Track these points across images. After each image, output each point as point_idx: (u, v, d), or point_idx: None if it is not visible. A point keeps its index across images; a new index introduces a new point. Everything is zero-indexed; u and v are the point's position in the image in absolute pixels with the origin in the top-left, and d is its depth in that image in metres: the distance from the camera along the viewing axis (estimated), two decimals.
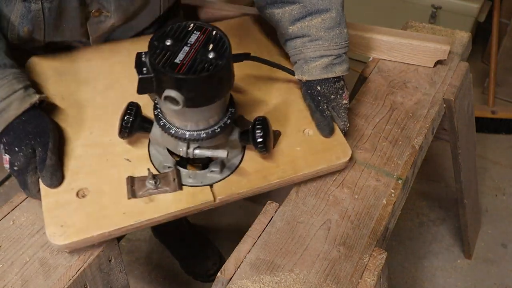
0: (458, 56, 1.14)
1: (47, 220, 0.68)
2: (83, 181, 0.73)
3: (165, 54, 0.62)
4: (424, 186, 1.95)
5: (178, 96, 0.60)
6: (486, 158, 2.08)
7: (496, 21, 2.20)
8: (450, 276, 1.66)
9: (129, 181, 0.72)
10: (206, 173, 0.75)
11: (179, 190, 0.72)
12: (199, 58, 0.61)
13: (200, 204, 0.72)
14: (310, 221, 0.76)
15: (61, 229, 0.67)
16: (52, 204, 0.70)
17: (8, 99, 0.71)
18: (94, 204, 0.70)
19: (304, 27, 0.82)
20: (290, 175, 0.77)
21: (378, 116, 0.96)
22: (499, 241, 1.76)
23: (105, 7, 0.85)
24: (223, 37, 0.65)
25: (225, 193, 0.73)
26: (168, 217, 0.71)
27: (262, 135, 0.72)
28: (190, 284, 1.61)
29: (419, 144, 0.91)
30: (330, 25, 0.81)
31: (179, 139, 0.70)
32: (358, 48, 1.12)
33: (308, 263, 0.70)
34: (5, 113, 0.71)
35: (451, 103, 1.03)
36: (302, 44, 0.84)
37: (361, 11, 2.39)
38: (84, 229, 0.68)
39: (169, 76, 0.60)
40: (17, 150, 0.70)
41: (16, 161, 0.70)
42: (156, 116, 0.71)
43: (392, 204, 0.80)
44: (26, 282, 0.67)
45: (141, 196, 0.71)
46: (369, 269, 0.70)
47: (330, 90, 0.83)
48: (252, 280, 0.68)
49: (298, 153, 0.79)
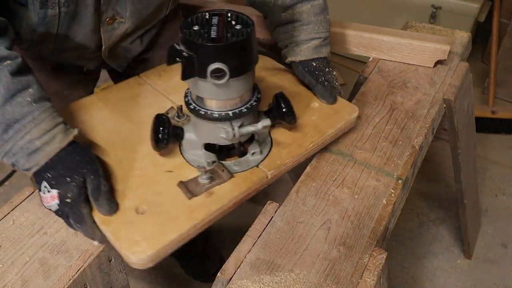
0: (458, 56, 1.14)
1: (120, 244, 0.66)
2: (136, 200, 0.72)
3: (200, 34, 0.67)
4: (424, 186, 1.95)
5: (224, 66, 0.65)
6: (486, 158, 2.08)
7: (496, 21, 2.20)
8: (450, 276, 1.66)
9: (182, 186, 0.74)
10: (248, 157, 0.80)
11: (232, 177, 0.76)
12: (230, 31, 0.68)
13: (256, 184, 0.77)
14: (310, 221, 0.76)
15: (138, 247, 0.66)
16: (117, 229, 0.68)
17: (51, 132, 0.69)
18: (158, 214, 0.70)
19: (295, 13, 0.90)
20: (320, 138, 0.84)
21: (378, 116, 0.96)
22: (499, 241, 1.76)
23: (119, 13, 0.85)
24: (239, 14, 0.71)
25: (272, 167, 0.79)
26: (232, 205, 0.74)
27: (288, 106, 0.80)
28: (190, 284, 1.61)
29: (419, 144, 0.91)
30: (317, 11, 0.90)
31: (223, 121, 0.73)
32: (358, 48, 1.12)
33: (308, 263, 0.70)
34: (47, 146, 0.68)
35: (451, 103, 1.03)
36: (294, 28, 0.91)
37: (362, 11, 2.39)
38: (161, 237, 0.67)
39: (213, 48, 0.65)
40: (68, 180, 0.67)
41: (69, 192, 0.66)
42: (194, 109, 0.74)
43: (392, 204, 0.80)
44: (26, 282, 0.67)
45: (200, 192, 0.74)
46: (369, 269, 0.70)
47: (324, 64, 0.93)
48: (252, 280, 0.68)
49: (315, 121, 0.88)
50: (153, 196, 0.73)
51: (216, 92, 0.71)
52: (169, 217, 0.70)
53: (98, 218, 0.69)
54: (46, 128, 0.68)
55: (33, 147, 0.67)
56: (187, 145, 0.80)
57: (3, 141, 0.67)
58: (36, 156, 0.68)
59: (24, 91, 0.68)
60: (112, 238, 0.68)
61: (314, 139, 0.84)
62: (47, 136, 0.68)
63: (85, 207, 0.68)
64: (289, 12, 0.90)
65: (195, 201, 0.73)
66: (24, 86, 0.69)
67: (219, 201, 0.73)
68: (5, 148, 0.67)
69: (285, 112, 0.80)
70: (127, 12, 0.86)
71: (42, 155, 0.68)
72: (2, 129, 0.66)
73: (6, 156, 0.68)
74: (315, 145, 0.84)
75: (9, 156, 0.68)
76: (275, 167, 0.79)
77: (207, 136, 0.78)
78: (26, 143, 0.67)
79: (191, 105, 0.75)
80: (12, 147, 0.67)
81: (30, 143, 0.67)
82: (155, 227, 0.68)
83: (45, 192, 0.68)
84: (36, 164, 0.68)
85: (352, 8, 2.42)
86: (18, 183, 1.93)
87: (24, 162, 0.68)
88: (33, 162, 0.68)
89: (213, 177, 0.75)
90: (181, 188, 0.74)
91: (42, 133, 0.68)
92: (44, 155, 0.68)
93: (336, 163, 0.86)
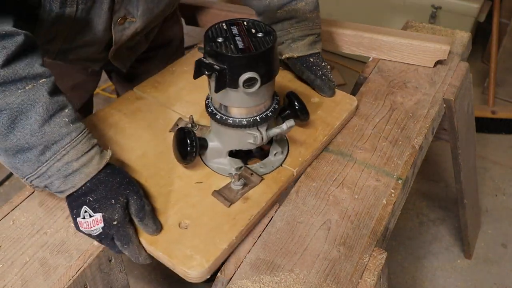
0: (458, 56, 1.14)
1: (175, 262, 0.67)
2: (176, 216, 0.72)
3: (227, 46, 0.68)
4: (424, 186, 1.95)
5: (255, 74, 0.67)
6: (486, 158, 2.08)
7: (496, 21, 2.20)
8: (450, 276, 1.66)
9: (217, 195, 0.75)
10: (271, 158, 0.83)
11: (262, 180, 0.78)
12: (254, 39, 0.69)
13: (285, 183, 0.79)
14: (310, 221, 0.76)
15: (193, 261, 0.66)
16: (167, 247, 0.68)
17: (89, 153, 0.68)
18: (201, 226, 0.71)
19: (291, 10, 0.92)
20: (330, 130, 0.89)
21: (378, 116, 0.96)
22: (499, 241, 1.76)
23: (131, 12, 0.85)
24: (255, 21, 0.74)
25: (296, 165, 0.82)
26: (267, 207, 0.76)
27: (301, 103, 0.83)
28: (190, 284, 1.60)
29: (419, 144, 0.91)
30: (311, 8, 0.93)
31: (250, 127, 0.75)
32: (358, 48, 1.12)
33: (308, 263, 0.70)
34: (85, 168, 0.67)
35: (451, 103, 1.03)
36: (290, 25, 0.94)
37: (362, 11, 2.39)
38: (212, 248, 0.68)
39: (245, 58, 0.66)
40: (113, 202, 0.66)
41: (115, 214, 0.65)
42: (221, 119, 0.75)
43: (392, 204, 0.80)
44: (26, 282, 0.67)
45: (237, 199, 0.75)
46: (369, 269, 0.70)
47: (320, 59, 0.96)
48: (252, 280, 0.68)
49: (321, 115, 0.92)
50: (191, 209, 0.73)
51: (246, 100, 0.72)
52: (214, 228, 0.71)
53: (144, 239, 0.69)
54: (83, 149, 0.67)
55: (71, 169, 0.66)
56: (211, 154, 0.80)
57: (40, 163, 0.65)
58: (73, 178, 0.67)
59: (61, 111, 0.67)
60: (165, 256, 0.68)
61: (325, 132, 0.88)
62: (85, 157, 0.67)
63: (131, 227, 0.68)
64: (285, 10, 0.92)
65: (234, 209, 0.74)
66: (61, 106, 0.67)
67: (257, 205, 0.74)
68: (40, 171, 0.66)
69: (299, 109, 0.83)
70: (139, 11, 0.85)
71: (80, 177, 0.67)
72: (40, 150, 0.64)
73: (40, 177, 0.66)
74: (328, 138, 0.88)
75: (43, 178, 0.66)
76: (299, 164, 0.82)
77: (233, 143, 0.78)
78: (64, 165, 0.66)
79: (216, 115, 0.75)
80: (49, 169, 0.65)
81: (68, 165, 0.66)
82: (203, 239, 0.69)
83: (86, 217, 0.66)
84: (73, 186, 0.67)
85: (352, 8, 2.43)
86: (18, 183, 1.93)
87: (59, 184, 0.67)
88: (70, 184, 0.67)
89: (246, 182, 0.77)
90: (217, 197, 0.75)
91: (80, 155, 0.67)
92: (82, 177, 0.67)
93: (336, 163, 0.86)
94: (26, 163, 0.65)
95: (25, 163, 0.65)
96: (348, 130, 0.93)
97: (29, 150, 0.64)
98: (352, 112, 0.95)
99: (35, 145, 0.64)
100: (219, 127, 0.76)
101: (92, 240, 0.71)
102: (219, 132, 0.78)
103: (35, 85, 0.64)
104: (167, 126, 0.88)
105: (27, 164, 0.65)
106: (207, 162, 0.81)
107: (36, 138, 0.64)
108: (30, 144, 0.64)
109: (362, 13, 2.38)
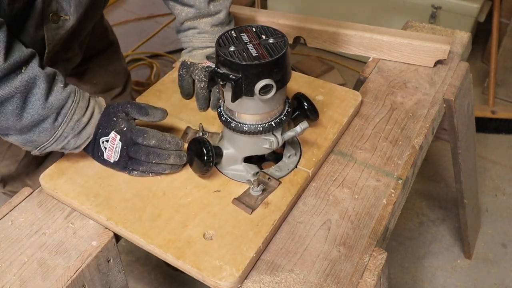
0: (458, 56, 1.13)
1: (205, 274, 0.66)
2: (199, 227, 0.72)
3: (240, 54, 0.68)
4: (424, 186, 1.95)
5: (271, 81, 0.68)
6: (486, 158, 2.08)
7: (496, 21, 2.20)
8: (450, 276, 1.66)
9: (237, 202, 0.75)
10: (285, 161, 0.83)
11: (280, 183, 0.78)
12: (267, 46, 0.69)
13: (303, 185, 0.79)
14: (310, 221, 0.76)
15: (224, 272, 0.66)
16: (195, 260, 0.68)
17: (90, 107, 0.77)
18: (225, 235, 0.71)
19: (195, 22, 0.98)
20: (339, 127, 0.89)
21: (378, 116, 0.96)
22: (499, 241, 1.76)
23: (64, 9, 0.82)
24: (263, 26, 0.73)
25: (311, 165, 0.82)
26: (288, 210, 0.76)
27: (310, 103, 0.84)
28: (190, 284, 1.60)
29: (419, 144, 0.90)
30: (216, 23, 0.98)
31: (265, 133, 0.75)
32: (358, 48, 1.11)
33: (308, 263, 0.70)
34: (92, 119, 0.77)
35: (451, 103, 1.02)
36: (192, 35, 0.99)
37: (361, 11, 2.39)
38: (240, 257, 0.68)
39: (261, 65, 0.66)
40: (115, 119, 0.77)
41: (122, 124, 0.76)
42: (236, 127, 0.74)
43: (392, 204, 0.79)
44: (24, 282, 0.67)
45: (258, 205, 0.75)
46: (369, 269, 0.70)
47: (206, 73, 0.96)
48: (252, 280, 0.68)
49: (328, 113, 0.92)
50: (213, 219, 0.73)
51: (261, 107, 0.72)
52: (239, 236, 0.70)
53: (171, 255, 0.69)
54: (84, 105, 0.76)
55: (82, 125, 0.75)
56: (226, 161, 0.80)
57: (56, 128, 0.73)
58: (86, 132, 0.76)
59: (55, 79, 0.74)
60: (194, 269, 0.67)
61: (335, 130, 0.88)
62: (89, 111, 0.76)
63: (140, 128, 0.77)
64: (190, 21, 0.99)
65: (256, 215, 0.73)
66: (53, 75, 0.73)
67: (278, 209, 0.74)
68: (57, 135, 0.73)
69: (309, 109, 0.84)
70: (71, 7, 0.83)
71: (91, 127, 0.77)
72: (53, 118, 0.72)
73: (57, 141, 0.74)
74: (338, 135, 0.89)
75: (60, 140, 0.74)
76: (313, 164, 0.82)
77: (249, 149, 0.78)
78: (75, 123, 0.75)
79: (231, 123, 0.75)
80: (64, 131, 0.74)
81: (78, 122, 0.75)
82: (230, 249, 0.69)
83: (106, 145, 0.77)
84: (88, 137, 0.77)
85: (352, 8, 2.42)
86: None
87: (74, 142, 0.76)
88: (84, 138, 0.77)
89: (264, 187, 0.77)
90: (237, 205, 0.75)
91: (85, 110, 0.76)
92: (92, 127, 0.77)
93: (336, 163, 0.86)
94: (42, 133, 0.73)
95: (41, 133, 0.73)
96: (348, 130, 0.93)
97: (43, 121, 0.72)
98: (357, 107, 0.95)
99: (48, 115, 0.71)
100: (234, 134, 0.76)
101: (91, 240, 0.71)
102: (234, 139, 0.78)
103: (28, 65, 0.70)
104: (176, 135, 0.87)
105: (43, 134, 0.73)
106: (223, 170, 0.81)
107: (47, 109, 0.71)
108: (43, 115, 0.71)
109: (362, 13, 2.38)
